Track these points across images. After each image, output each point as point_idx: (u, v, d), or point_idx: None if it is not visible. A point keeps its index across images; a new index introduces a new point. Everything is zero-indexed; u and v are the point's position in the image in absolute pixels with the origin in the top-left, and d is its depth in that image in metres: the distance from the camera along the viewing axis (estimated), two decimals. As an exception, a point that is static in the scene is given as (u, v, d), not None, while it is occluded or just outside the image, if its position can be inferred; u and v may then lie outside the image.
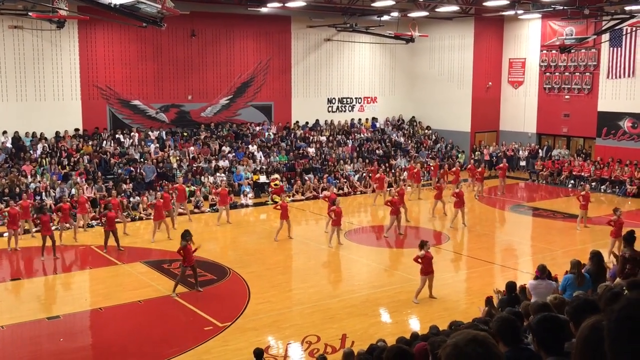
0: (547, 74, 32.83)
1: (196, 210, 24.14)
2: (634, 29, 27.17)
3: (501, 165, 28.22)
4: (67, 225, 20.63)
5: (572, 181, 29.81)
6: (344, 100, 34.91)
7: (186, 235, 15.51)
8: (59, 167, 25.10)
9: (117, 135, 27.76)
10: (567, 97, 32.07)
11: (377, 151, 32.94)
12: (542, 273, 10.73)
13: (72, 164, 25.51)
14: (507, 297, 10.46)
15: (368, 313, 14.04)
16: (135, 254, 18.82)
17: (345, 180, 28.50)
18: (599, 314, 4.10)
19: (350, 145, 32.68)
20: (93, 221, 22.29)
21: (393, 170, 30.84)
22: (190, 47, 29.55)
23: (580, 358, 2.48)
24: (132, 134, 28.05)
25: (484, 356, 2.12)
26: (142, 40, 28.13)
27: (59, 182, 24.13)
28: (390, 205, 20.48)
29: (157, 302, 14.76)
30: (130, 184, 24.98)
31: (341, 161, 30.84)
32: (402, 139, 34.98)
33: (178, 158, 27.60)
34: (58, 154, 25.78)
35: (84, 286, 16.55)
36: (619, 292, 5.53)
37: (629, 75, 29.18)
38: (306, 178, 28.01)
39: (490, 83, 34.59)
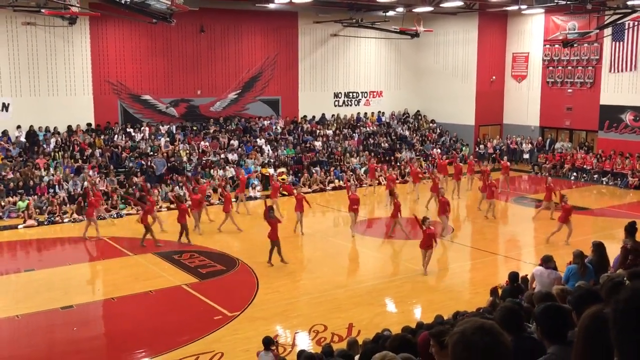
0: (550, 68, 32.68)
1: (206, 203, 24.13)
2: (636, 23, 27.00)
3: (503, 162, 27.18)
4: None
5: (574, 173, 29.70)
6: (350, 94, 34.85)
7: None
8: (72, 160, 25.19)
9: (128, 130, 27.82)
10: (569, 90, 31.92)
11: (382, 145, 32.90)
12: (545, 262, 10.71)
13: (84, 157, 25.60)
14: (510, 287, 10.46)
15: (374, 303, 14.07)
16: (147, 246, 18.86)
17: (351, 173, 28.47)
18: (600, 303, 4.10)
19: (356, 139, 32.64)
20: (105, 213, 22.36)
21: (398, 164, 30.82)
22: (200, 42, 29.55)
23: (581, 346, 2.49)
24: (143, 128, 28.10)
25: (491, 344, 2.12)
26: (152, 36, 28.15)
27: (72, 175, 24.22)
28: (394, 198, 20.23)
29: (168, 292, 14.83)
30: (142, 177, 25.04)
31: (347, 154, 30.83)
32: (407, 133, 34.91)
33: (188, 152, 27.65)
34: (71, 148, 25.87)
35: (96, 277, 16.63)
36: (620, 281, 5.52)
37: (631, 69, 29.01)
38: (313, 171, 28.02)
39: (494, 77, 34.46)
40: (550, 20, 32.00)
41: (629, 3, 25.33)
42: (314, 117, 33.19)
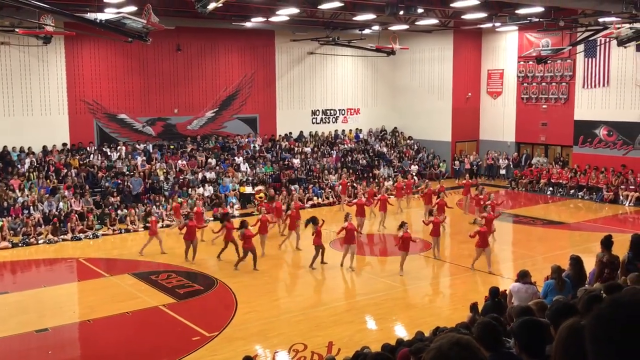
0: (525, 84, 33.13)
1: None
2: (607, 39, 27.50)
3: (465, 181, 26.22)
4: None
5: (550, 188, 30.03)
6: (328, 112, 34.97)
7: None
8: (47, 181, 24.89)
9: (104, 149, 27.59)
10: (544, 106, 32.37)
11: (360, 161, 33.00)
12: (522, 278, 10.76)
13: (60, 177, 25.31)
14: (491, 302, 10.48)
15: (354, 320, 14.01)
16: (123, 266, 18.66)
17: (330, 190, 28.50)
18: (577, 316, 4.12)
19: (334, 156, 32.71)
20: (81, 234, 22.10)
21: (376, 180, 30.91)
22: (176, 61, 29.50)
23: (558, 358, 2.50)
24: (119, 147, 27.89)
25: (468, 359, 2.11)
26: (128, 55, 28.04)
27: (47, 195, 23.91)
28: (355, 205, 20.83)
29: (145, 314, 14.63)
30: (118, 197, 24.81)
31: (326, 171, 30.86)
32: (385, 149, 35.08)
33: (165, 171, 27.48)
34: (46, 168, 25.57)
35: (72, 299, 16.37)
36: (597, 295, 5.57)
37: (603, 85, 29.51)
38: (292, 188, 27.98)
39: (469, 94, 34.83)
40: (524, 38, 32.50)
41: (600, 20, 25.82)
42: (290, 134, 33.20)
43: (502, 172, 33.69)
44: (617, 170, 28.31)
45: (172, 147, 29.36)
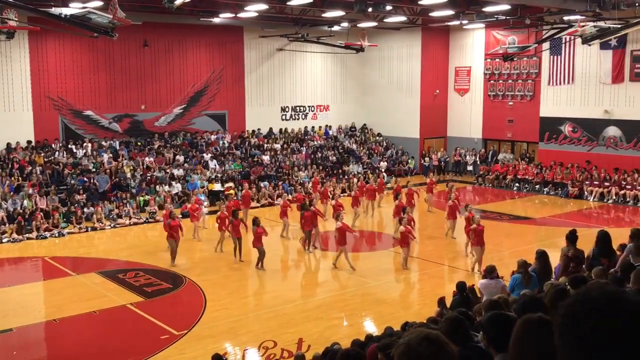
0: (492, 81, 33.49)
1: (151, 220, 23.79)
2: (572, 37, 27.95)
3: (429, 179, 26.17)
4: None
5: (517, 184, 30.41)
6: (298, 108, 34.92)
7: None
8: (11, 178, 24.40)
9: (69, 146, 27.16)
10: (510, 103, 32.77)
11: (330, 158, 33.04)
12: (489, 274, 10.88)
13: (24, 175, 24.84)
14: (459, 297, 10.57)
15: (324, 317, 14.02)
16: (90, 265, 18.41)
17: (300, 186, 28.43)
18: (544, 310, 4.16)
19: (304, 153, 32.69)
20: (46, 233, 21.74)
21: (346, 177, 30.98)
22: (143, 57, 29.15)
23: (513, 351, 2.52)
24: (85, 144, 27.48)
25: (437, 354, 2.11)
26: (94, 50, 27.62)
27: (11, 193, 23.45)
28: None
29: (112, 313, 14.46)
30: (84, 195, 24.46)
31: (295, 168, 30.83)
32: (354, 146, 35.16)
33: (132, 168, 27.16)
34: (10, 166, 25.06)
35: (38, 298, 16.08)
36: (563, 288, 5.64)
37: (568, 82, 29.97)
38: (261, 185, 27.90)
39: (437, 91, 35.09)
40: (490, 35, 32.85)
41: (565, 18, 26.22)
42: (259, 130, 33.08)
43: (470, 168, 34.01)
44: (582, 166, 28.80)
45: (139, 143, 29.03)
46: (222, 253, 19.15)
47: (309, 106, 35.33)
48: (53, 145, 26.91)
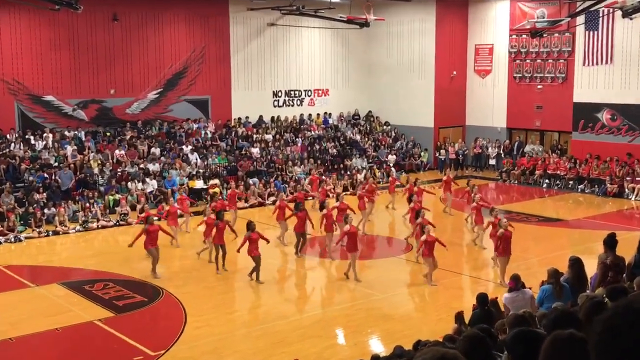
0: (517, 61, 33.48)
1: (122, 223, 23.77)
2: (610, 10, 27.92)
3: (445, 177, 26.03)
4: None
5: (547, 180, 30.45)
6: (292, 93, 34.91)
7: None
8: (-41, 174, 24.41)
9: (27, 137, 27.13)
10: (539, 87, 32.77)
11: (330, 151, 33.04)
12: (517, 283, 10.89)
13: (-26, 171, 24.85)
14: (480, 311, 10.58)
15: (322, 335, 14.03)
16: (52, 274, 18.40)
17: (295, 183, 28.40)
18: (578, 326, 4.16)
19: (299, 145, 32.68)
20: (0, 237, 21.72)
21: (349, 172, 30.98)
22: (112, 33, 29.10)
23: None
24: (45, 135, 27.46)
25: (454, 377, 2.11)
26: (55, 26, 27.56)
27: (-41, 192, 23.44)
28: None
29: (78, 330, 14.45)
30: (44, 193, 24.44)
31: (290, 162, 30.82)
32: (358, 137, 35.15)
33: (100, 162, 27.15)
34: (-43, 160, 25.06)
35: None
36: (601, 301, 5.65)
37: (606, 62, 29.95)
38: (250, 183, 27.88)
39: (454, 72, 35.09)
40: (516, 8, 32.84)
41: (602, -12, 26.18)
42: (247, 118, 33.07)
43: (492, 162, 34.03)
44: (622, 159, 28.83)
45: (108, 134, 29.00)
46: (212, 263, 19.07)
47: (305, 90, 35.31)
48: (8, 136, 26.89)
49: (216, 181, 27.54)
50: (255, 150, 30.84)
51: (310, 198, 25.86)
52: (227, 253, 18.29)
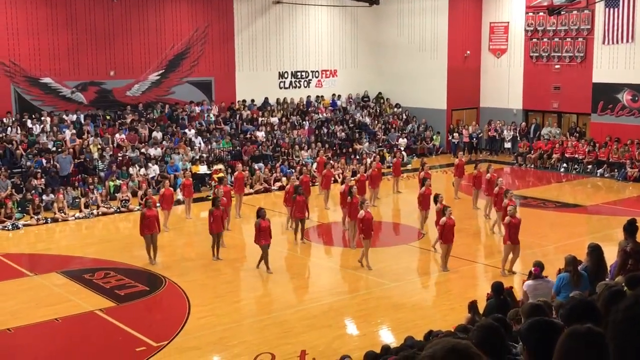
0: (534, 40, 33.30)
1: (123, 210, 23.85)
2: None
3: (457, 160, 25.61)
4: None
5: (564, 164, 30.36)
6: (298, 74, 34.84)
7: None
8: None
9: (24, 120, 27.20)
10: (557, 66, 32.60)
11: (338, 134, 33.00)
12: (542, 270, 10.91)
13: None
14: (495, 301, 10.60)
15: (331, 325, 14.07)
16: (51, 263, 18.49)
17: (303, 168, 28.39)
18: (597, 316, 4.16)
19: (307, 128, 32.65)
20: (-3, 225, 21.86)
21: (358, 157, 30.95)
22: (112, 12, 29.07)
23: None
24: (43, 118, 27.52)
25: (466, 369, 2.11)
26: (53, 5, 27.56)
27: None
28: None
29: (78, 320, 14.54)
30: (43, 179, 24.53)
31: (296, 146, 30.81)
32: (367, 119, 35.10)
33: (100, 147, 27.20)
34: (-48, 145, 25.16)
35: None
36: (620, 290, 5.64)
37: (627, 41, 29.76)
38: (255, 168, 27.90)
39: (468, 52, 34.94)
40: (533, -16, 32.63)
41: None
42: (252, 101, 33.04)
43: (507, 145, 33.95)
44: (643, 142, 28.73)
45: (108, 117, 29.04)
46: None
47: (312, 71, 35.23)
48: (4, 120, 26.96)
49: (220, 166, 27.56)
50: (261, 134, 30.83)
51: (317, 183, 25.81)
52: (220, 244, 18.29)
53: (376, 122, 35.15)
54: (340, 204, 21.10)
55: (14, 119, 27.18)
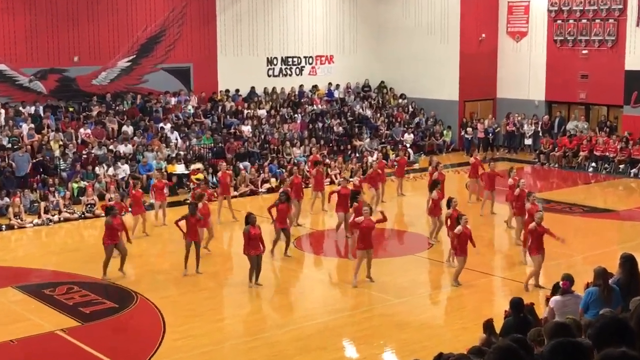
0: (559, 21, 33.36)
1: (89, 215, 23.79)
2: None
3: (473, 159, 25.66)
4: None
5: (593, 163, 30.38)
6: (290, 60, 34.84)
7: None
8: None
9: (-25, 113, 27.20)
10: (584, 52, 32.64)
11: (335, 129, 32.99)
12: (572, 284, 10.89)
13: None
14: (513, 319, 10.58)
15: (327, 347, 14.05)
16: (6, 276, 18.40)
17: (295, 167, 28.37)
18: (630, 337, 4.14)
19: (299, 122, 32.64)
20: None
21: (357, 155, 30.94)
22: (76, -11, 29.08)
23: None
24: (-3, 110, 27.51)
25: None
26: (8, -19, 27.56)
27: None
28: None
29: (37, 342, 14.45)
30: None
31: (287, 143, 30.78)
32: (368, 112, 35.09)
33: (62, 143, 27.14)
34: None
35: None
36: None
37: (664, 23, 29.88)
38: (240, 167, 27.86)
39: (483, 35, 34.97)
40: (557, -42, 32.71)
41: None
42: (237, 91, 33.03)
43: (528, 142, 33.98)
44: (683, 138, 28.82)
45: (71, 109, 29.00)
46: (209, 252, 19.52)
47: (305, 57, 35.24)
48: (-48, 113, 26.94)
49: (199, 165, 27.41)
50: (246, 129, 30.81)
51: (310, 185, 25.77)
52: (200, 255, 18.23)
53: (378, 115, 35.14)
54: (336, 209, 21.08)
55: (-37, 111, 27.17)
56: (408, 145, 32.68)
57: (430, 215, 20.72)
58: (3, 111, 27.54)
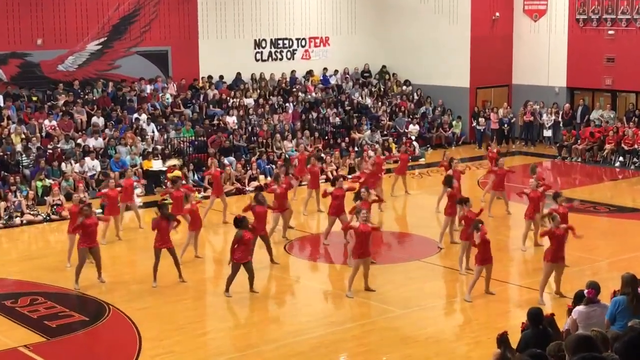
0: (581, -2, 33.43)
1: (54, 217, 23.75)
2: None
3: (490, 151, 26.32)
4: None
5: (620, 157, 30.40)
6: (280, 42, 34.85)
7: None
8: None
9: None
10: (610, 32, 32.67)
11: (332, 120, 32.98)
12: (598, 292, 10.90)
13: None
14: (531, 332, 10.61)
15: (323, 364, 14.08)
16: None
17: (286, 164, 28.38)
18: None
19: (290, 112, 32.63)
20: None
21: (357, 149, 30.92)
22: (39, -36, 29.05)
23: None
24: (-49, 100, 27.52)
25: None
26: (-37, -45, 27.54)
27: None
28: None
29: (-3, 360, 14.50)
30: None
31: (277, 135, 30.77)
32: (368, 101, 35.09)
33: (24, 136, 27.12)
34: None
35: None
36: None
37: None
38: (225, 163, 27.84)
39: (497, 14, 34.99)
40: None
41: None
42: (221, 77, 33.02)
43: (547, 133, 34.02)
44: None
45: (34, 98, 28.99)
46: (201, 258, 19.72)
47: (297, 39, 35.24)
48: None
49: (175, 162, 27.08)
50: (232, 120, 30.80)
51: (304, 183, 25.74)
52: (180, 262, 18.22)
53: (380, 104, 35.15)
54: (329, 211, 21.00)
55: None
56: (413, 138, 32.69)
57: (446, 215, 20.66)
58: (-42, 101, 27.60)
